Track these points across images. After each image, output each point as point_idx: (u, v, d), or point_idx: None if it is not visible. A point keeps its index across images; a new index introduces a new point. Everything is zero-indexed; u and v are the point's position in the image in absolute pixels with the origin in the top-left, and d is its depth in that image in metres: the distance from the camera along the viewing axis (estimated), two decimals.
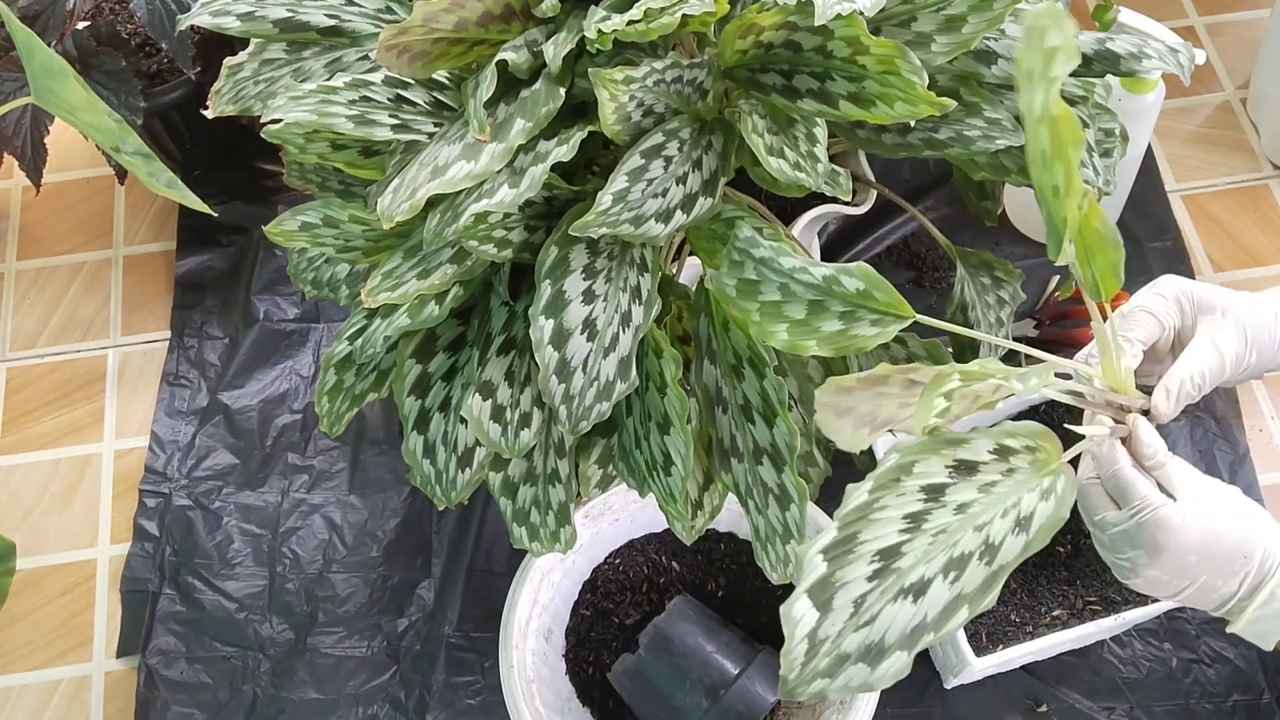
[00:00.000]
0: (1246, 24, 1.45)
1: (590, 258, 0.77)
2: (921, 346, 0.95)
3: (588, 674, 1.03)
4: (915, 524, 0.59)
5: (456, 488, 0.84)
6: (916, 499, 0.59)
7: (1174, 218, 1.30)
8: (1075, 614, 0.94)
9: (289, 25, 0.84)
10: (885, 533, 0.58)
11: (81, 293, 1.33)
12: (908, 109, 0.70)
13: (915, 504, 0.59)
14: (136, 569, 1.14)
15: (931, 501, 0.60)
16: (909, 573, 0.57)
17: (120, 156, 0.71)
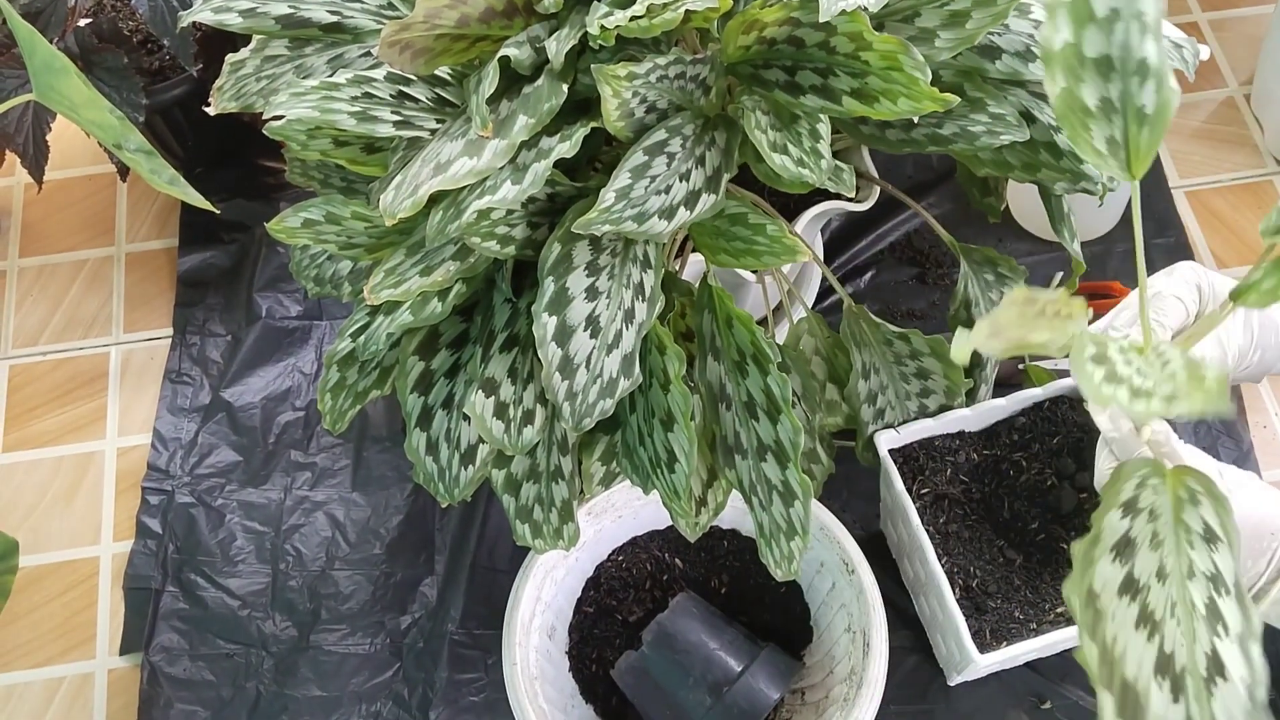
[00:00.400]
0: (1250, 20, 1.45)
1: (593, 254, 0.77)
2: (926, 343, 0.95)
3: (591, 671, 1.02)
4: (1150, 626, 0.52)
5: (459, 485, 0.84)
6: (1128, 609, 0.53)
7: (1177, 214, 1.29)
8: None
9: (291, 22, 0.84)
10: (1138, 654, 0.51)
11: (84, 290, 1.33)
12: (911, 105, 0.70)
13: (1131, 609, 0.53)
14: (139, 566, 1.14)
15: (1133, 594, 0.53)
16: (1196, 662, 0.51)
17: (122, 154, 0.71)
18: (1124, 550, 0.53)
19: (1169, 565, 0.53)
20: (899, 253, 1.28)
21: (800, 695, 1.01)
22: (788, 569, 0.81)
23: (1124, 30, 0.57)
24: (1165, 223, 1.29)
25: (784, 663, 0.96)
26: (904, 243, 1.28)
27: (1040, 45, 0.56)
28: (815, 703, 0.98)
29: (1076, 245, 0.94)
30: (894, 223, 1.28)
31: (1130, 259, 1.26)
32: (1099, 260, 1.26)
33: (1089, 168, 0.85)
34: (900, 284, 1.26)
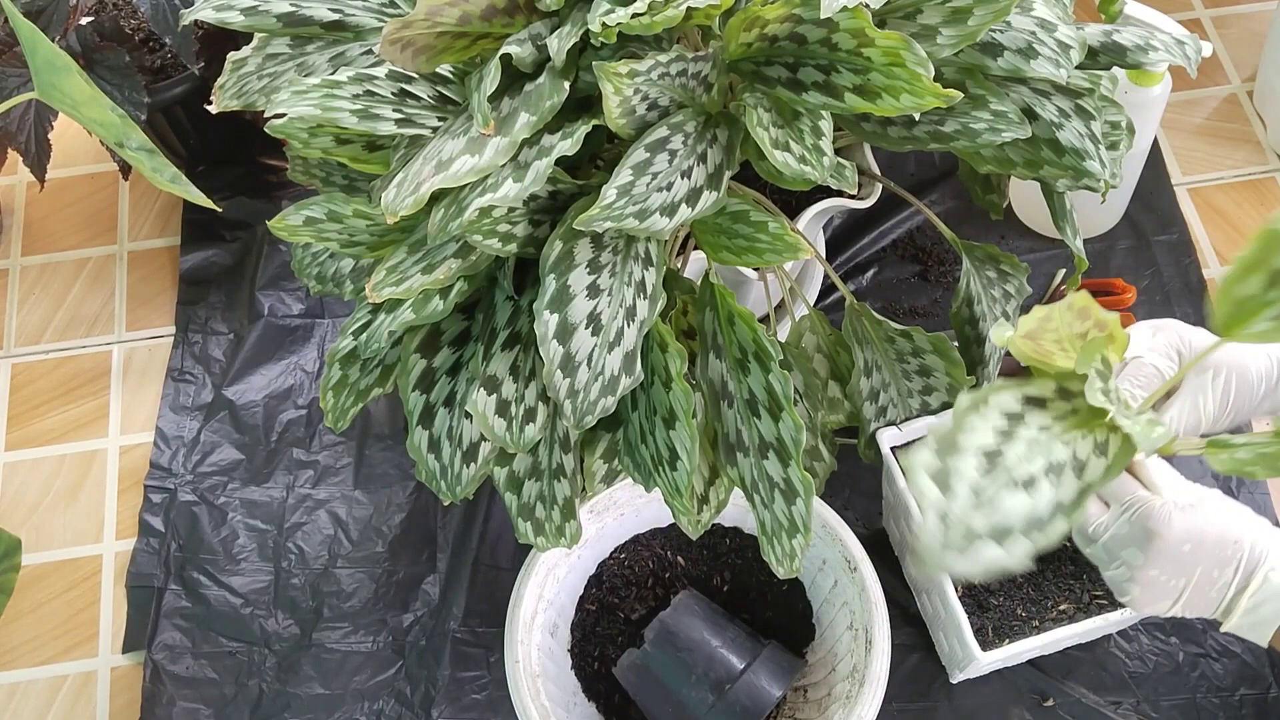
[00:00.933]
0: (1253, 16, 1.45)
1: (595, 252, 0.77)
2: (928, 340, 0.95)
3: (593, 669, 1.03)
4: (1007, 435, 0.59)
5: (461, 483, 0.84)
6: (1000, 421, 0.60)
7: (1180, 211, 1.29)
8: (1082, 608, 0.94)
9: (292, 20, 0.84)
10: (983, 439, 0.59)
11: (86, 288, 1.33)
12: (913, 101, 0.70)
13: (1001, 422, 0.59)
14: (142, 564, 1.15)
15: (1015, 422, 0.60)
16: (1015, 469, 0.58)
17: (124, 152, 0.71)
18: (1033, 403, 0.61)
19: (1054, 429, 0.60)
20: (901, 250, 1.28)
21: (803, 693, 1.01)
22: (790, 567, 0.81)
23: None
24: (1168, 220, 1.28)
25: (786, 660, 0.96)
26: (906, 240, 1.28)
27: None
28: (818, 700, 0.98)
29: (1079, 242, 0.93)
30: (896, 220, 1.28)
31: (1132, 255, 1.26)
32: (1101, 257, 1.26)
33: (1091, 164, 0.85)
34: (902, 281, 1.26)
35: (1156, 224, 1.28)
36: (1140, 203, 1.28)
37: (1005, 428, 0.60)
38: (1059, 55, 0.80)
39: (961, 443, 0.58)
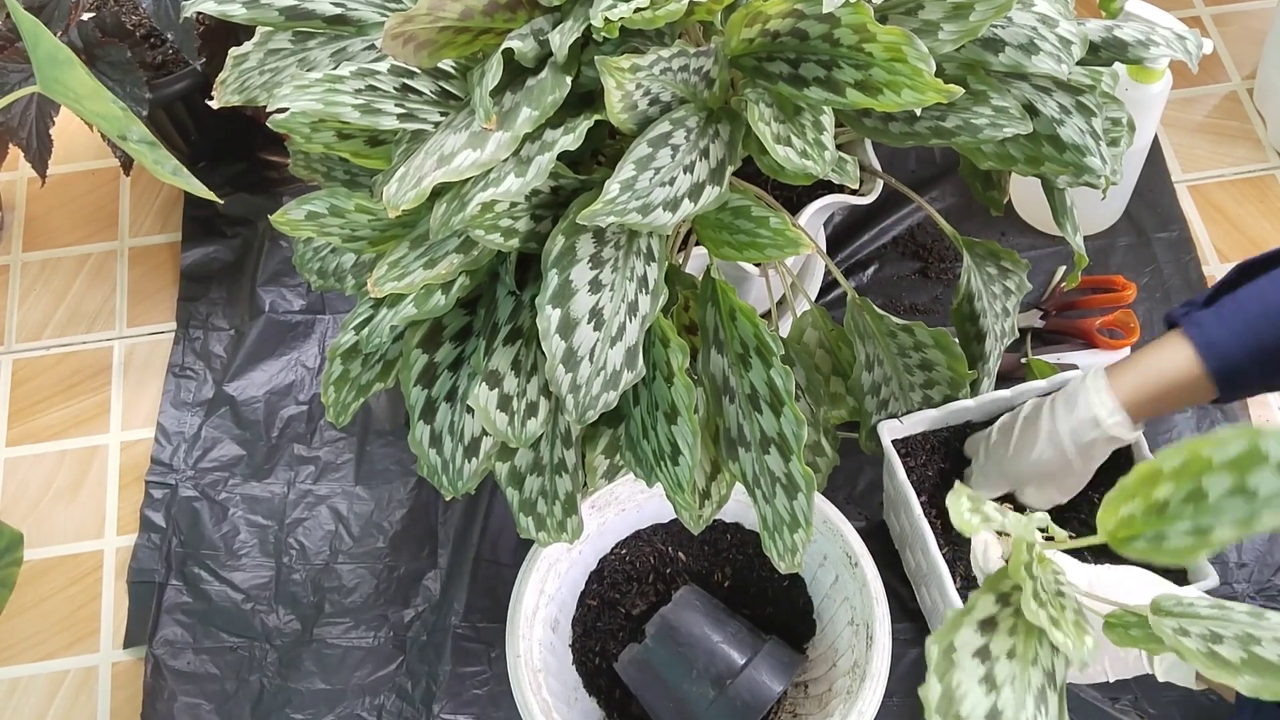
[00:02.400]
0: (1253, 14, 1.45)
1: (597, 247, 0.77)
2: (929, 335, 0.95)
3: (594, 664, 1.03)
4: (991, 684, 0.64)
5: (463, 477, 0.84)
6: (977, 668, 0.64)
7: (1180, 208, 1.29)
8: None
9: (295, 13, 0.84)
10: (978, 702, 0.63)
11: (87, 284, 1.33)
12: (915, 96, 0.70)
13: (978, 668, 0.64)
14: (143, 560, 1.15)
15: (988, 662, 0.65)
16: None
17: (126, 144, 0.71)
18: (987, 627, 0.66)
19: (1019, 650, 0.65)
20: (902, 247, 1.28)
21: (803, 688, 1.01)
22: (791, 562, 0.81)
23: None
24: (1168, 217, 1.28)
25: (787, 656, 0.96)
26: (907, 237, 1.28)
27: None
28: (818, 695, 0.98)
29: (1079, 239, 0.94)
30: (897, 217, 1.28)
31: (1132, 252, 1.26)
32: (1101, 254, 1.26)
33: (1092, 160, 0.85)
34: (903, 278, 1.26)
35: (1157, 221, 1.28)
36: (1140, 200, 1.28)
37: (983, 673, 0.65)
38: (1060, 51, 0.80)
39: (966, 717, 0.63)
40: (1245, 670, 0.62)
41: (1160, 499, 0.65)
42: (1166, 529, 0.65)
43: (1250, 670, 0.62)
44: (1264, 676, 0.62)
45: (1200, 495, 0.64)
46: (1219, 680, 0.63)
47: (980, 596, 0.68)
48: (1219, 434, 0.63)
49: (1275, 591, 1.07)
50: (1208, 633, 0.66)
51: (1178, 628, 0.66)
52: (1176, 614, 0.67)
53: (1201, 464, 0.63)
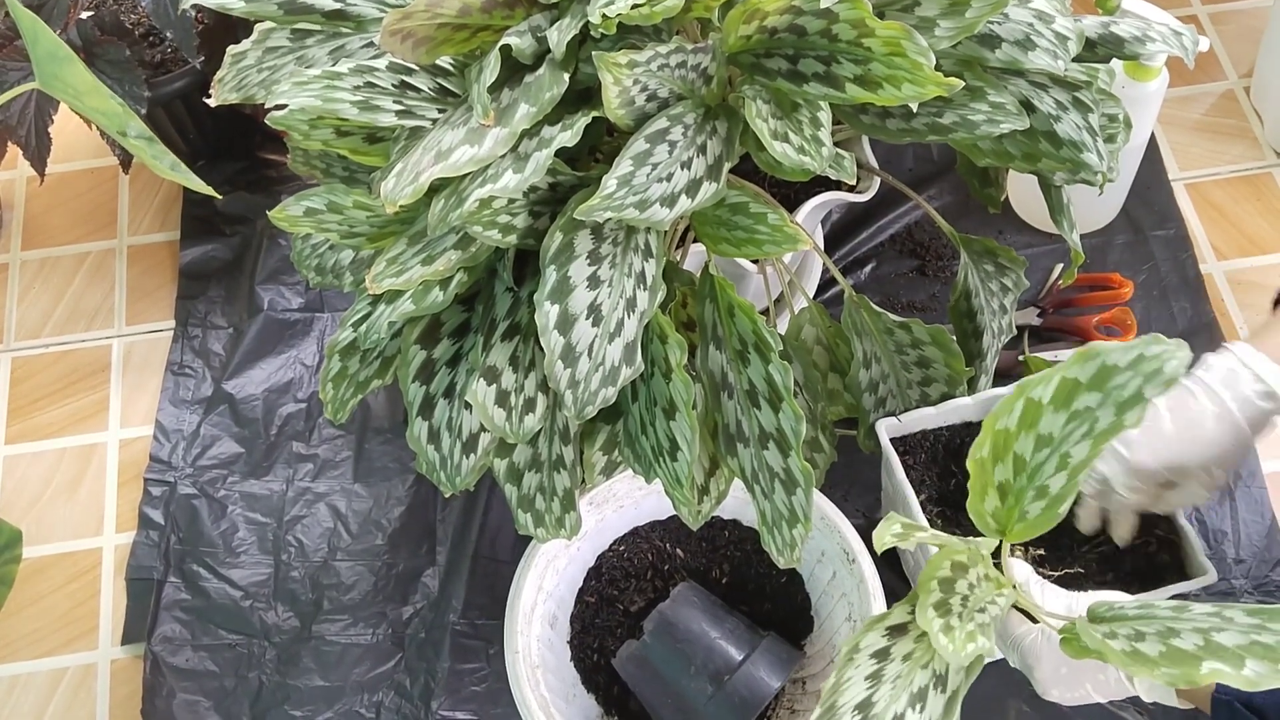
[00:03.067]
0: (1250, 12, 1.45)
1: (595, 243, 0.77)
2: (926, 332, 0.95)
3: (592, 660, 1.03)
4: (876, 679, 0.70)
5: (461, 473, 0.84)
6: (870, 665, 0.70)
7: (1177, 206, 1.29)
8: None
9: (294, 7, 0.84)
10: (854, 694, 0.69)
11: (86, 282, 1.33)
12: (915, 90, 0.70)
13: (870, 665, 0.70)
14: (142, 557, 1.15)
15: (882, 661, 0.71)
16: (884, 715, 0.69)
17: (125, 140, 0.71)
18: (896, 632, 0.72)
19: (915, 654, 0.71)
20: (900, 244, 1.28)
21: (801, 684, 1.01)
22: (790, 557, 0.81)
23: None
24: (1165, 215, 1.29)
25: (785, 652, 0.97)
26: (904, 234, 1.28)
27: None
28: (816, 692, 0.98)
29: (1076, 236, 0.94)
30: (894, 214, 1.28)
31: (1129, 250, 1.26)
32: (1098, 251, 1.26)
33: (1089, 156, 0.85)
34: (901, 276, 1.26)
35: (1154, 219, 1.28)
36: (1137, 198, 1.28)
37: (874, 670, 0.70)
38: (1057, 47, 0.80)
39: (838, 706, 0.69)
40: (1163, 663, 0.64)
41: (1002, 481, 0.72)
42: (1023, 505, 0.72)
43: (1167, 662, 0.64)
44: (1179, 666, 0.63)
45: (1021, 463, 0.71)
46: (1140, 675, 0.66)
47: (896, 606, 0.73)
48: (1001, 404, 0.70)
49: (1273, 587, 1.07)
50: (1132, 632, 0.68)
51: (1107, 632, 0.68)
52: (1107, 619, 0.70)
53: (1004, 436, 0.70)
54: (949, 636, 0.67)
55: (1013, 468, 0.71)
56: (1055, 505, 0.71)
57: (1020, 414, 0.70)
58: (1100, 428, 0.69)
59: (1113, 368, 0.68)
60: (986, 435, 0.70)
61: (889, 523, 0.72)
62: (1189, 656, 0.64)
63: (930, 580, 0.70)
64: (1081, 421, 0.69)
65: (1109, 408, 0.68)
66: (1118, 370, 0.68)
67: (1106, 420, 0.68)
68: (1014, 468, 0.71)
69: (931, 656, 0.70)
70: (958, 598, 0.71)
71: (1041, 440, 0.70)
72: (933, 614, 0.68)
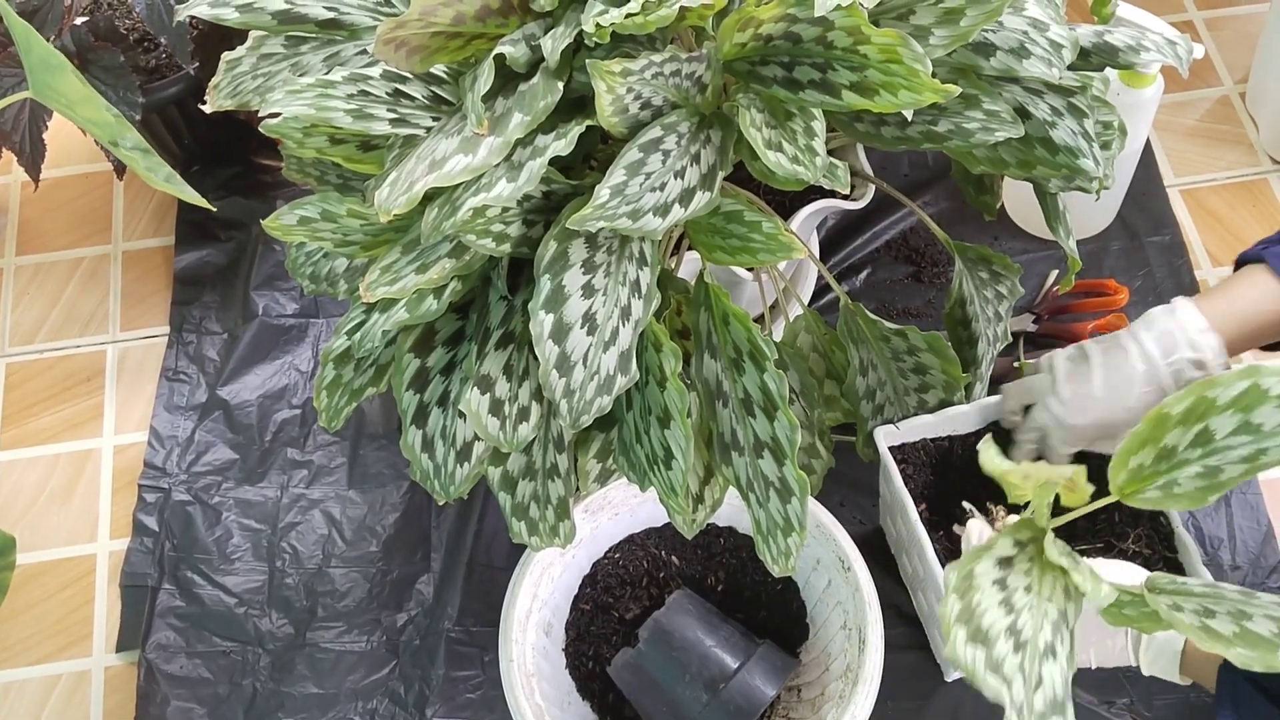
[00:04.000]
0: (1245, 18, 1.45)
1: (589, 252, 0.77)
2: (922, 339, 0.95)
3: (588, 668, 1.03)
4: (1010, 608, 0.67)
5: (455, 482, 0.84)
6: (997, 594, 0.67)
7: (1173, 212, 1.30)
8: None
9: (287, 17, 0.84)
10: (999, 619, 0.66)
11: (80, 288, 1.33)
12: (911, 97, 0.70)
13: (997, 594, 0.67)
14: (136, 564, 1.14)
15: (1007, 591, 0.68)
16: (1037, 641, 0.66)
17: (119, 151, 0.71)
18: (1005, 564, 0.68)
19: (1035, 587, 0.68)
20: (894, 251, 1.28)
21: (796, 692, 1.01)
22: (785, 565, 0.81)
23: None
24: (1161, 221, 1.29)
25: (780, 659, 0.96)
26: (899, 241, 1.28)
27: None
28: (811, 699, 0.98)
29: (1072, 243, 0.94)
30: (889, 221, 1.28)
31: (1125, 256, 1.27)
32: (1094, 257, 1.26)
33: (1085, 162, 0.85)
34: (896, 282, 1.26)
35: (1149, 225, 1.28)
36: (1133, 204, 1.28)
37: (1002, 597, 0.67)
38: (1051, 55, 0.80)
39: (985, 628, 0.65)
40: (1237, 643, 0.64)
41: (1169, 445, 0.67)
42: (1177, 474, 0.68)
43: (1242, 643, 0.64)
44: (1256, 649, 0.63)
45: (1207, 437, 0.67)
46: (1214, 651, 0.64)
47: (999, 539, 0.70)
48: (1222, 377, 0.66)
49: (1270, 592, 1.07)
50: (1201, 609, 0.67)
51: (1172, 604, 0.68)
52: (1170, 591, 0.69)
53: (1207, 404, 0.66)
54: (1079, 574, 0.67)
55: (1195, 437, 0.68)
56: (1212, 490, 0.68)
57: (1239, 394, 0.67)
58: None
59: None
60: (1190, 395, 0.67)
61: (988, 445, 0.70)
62: (1266, 641, 0.64)
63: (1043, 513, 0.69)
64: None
65: None
66: None
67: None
68: (1196, 438, 0.68)
69: (1053, 590, 0.68)
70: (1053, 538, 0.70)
71: (1248, 426, 0.67)
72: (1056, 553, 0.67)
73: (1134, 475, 0.69)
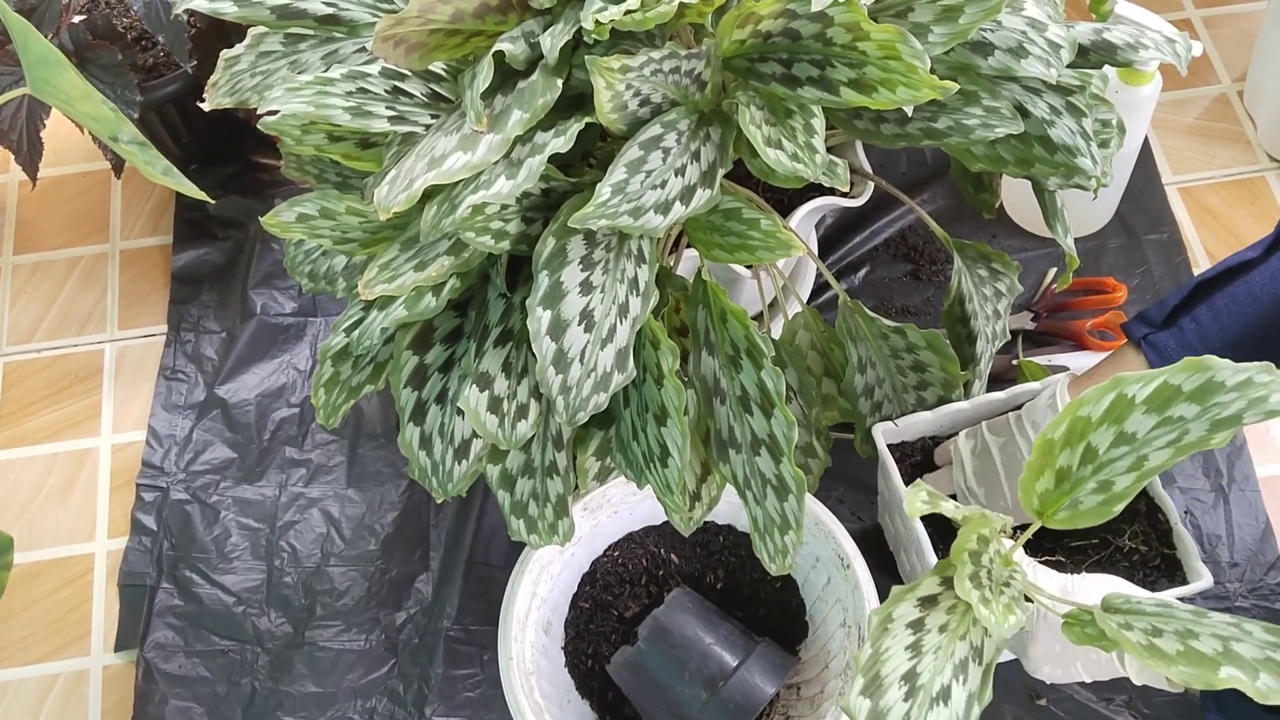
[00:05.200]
0: (1243, 16, 1.45)
1: (588, 249, 0.77)
2: (921, 337, 0.95)
3: (587, 666, 1.03)
4: (916, 650, 0.70)
5: (453, 479, 0.84)
6: (907, 635, 0.70)
7: (1171, 210, 1.30)
8: None
9: (286, 12, 0.84)
10: (898, 665, 0.69)
11: (78, 287, 1.33)
12: (910, 93, 0.70)
13: (907, 636, 0.70)
14: (134, 563, 1.14)
15: (919, 632, 0.71)
16: (931, 686, 0.69)
17: (117, 145, 0.71)
18: (927, 604, 0.71)
19: (951, 625, 0.71)
20: (893, 249, 1.28)
21: (796, 690, 1.01)
22: (782, 563, 0.81)
23: None
24: (1159, 219, 1.29)
25: (779, 658, 0.96)
26: (898, 239, 1.28)
27: None
28: (811, 697, 0.98)
29: (1070, 241, 0.94)
30: (888, 219, 1.28)
31: (1123, 254, 1.27)
32: (1093, 255, 1.26)
33: (1083, 161, 0.85)
34: (894, 280, 1.26)
35: (1147, 223, 1.28)
36: (1131, 202, 1.28)
37: (913, 640, 0.70)
38: (1049, 55, 0.80)
39: (883, 676, 0.68)
40: (1180, 661, 0.66)
41: (1063, 466, 0.71)
42: (1077, 493, 0.72)
43: (1185, 661, 0.66)
44: (1198, 667, 0.65)
45: (1092, 453, 0.71)
46: (1158, 670, 0.66)
47: (926, 577, 0.73)
48: (1089, 394, 0.70)
49: (1267, 590, 1.08)
50: (1150, 628, 0.69)
51: (1123, 623, 0.69)
52: (1123, 611, 0.71)
53: (1083, 424, 0.70)
54: (989, 609, 0.69)
55: (1081, 456, 0.71)
56: (1112, 503, 0.71)
57: (1108, 407, 0.69)
58: (1188, 440, 0.69)
59: (1219, 384, 0.68)
60: (1065, 418, 0.70)
61: (916, 490, 0.73)
62: (1208, 660, 0.65)
63: (962, 553, 0.71)
64: (1171, 429, 0.69)
65: (1203, 422, 0.68)
66: (1223, 388, 0.68)
67: (1197, 434, 0.68)
68: (1083, 456, 0.71)
69: (968, 629, 0.71)
70: (984, 571, 0.72)
71: (1123, 437, 0.70)
72: (969, 586, 0.70)
73: (1042, 500, 0.73)
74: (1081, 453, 0.71)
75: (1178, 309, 0.88)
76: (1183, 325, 0.87)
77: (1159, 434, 0.69)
